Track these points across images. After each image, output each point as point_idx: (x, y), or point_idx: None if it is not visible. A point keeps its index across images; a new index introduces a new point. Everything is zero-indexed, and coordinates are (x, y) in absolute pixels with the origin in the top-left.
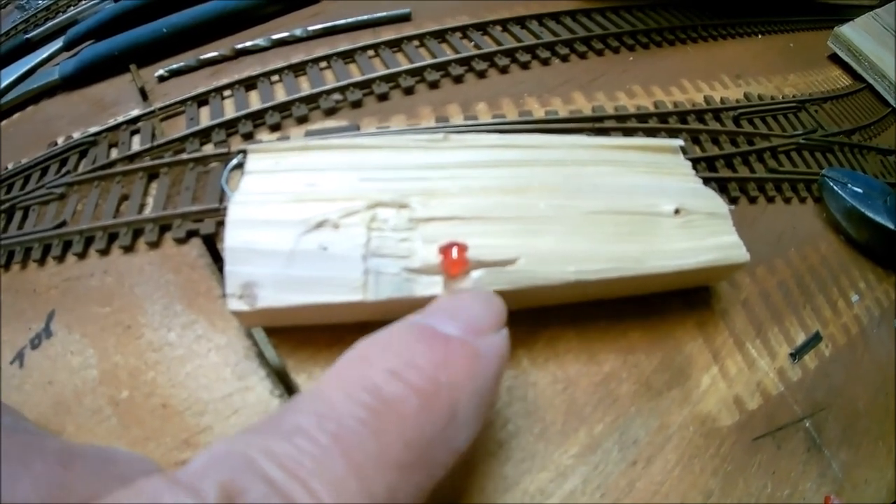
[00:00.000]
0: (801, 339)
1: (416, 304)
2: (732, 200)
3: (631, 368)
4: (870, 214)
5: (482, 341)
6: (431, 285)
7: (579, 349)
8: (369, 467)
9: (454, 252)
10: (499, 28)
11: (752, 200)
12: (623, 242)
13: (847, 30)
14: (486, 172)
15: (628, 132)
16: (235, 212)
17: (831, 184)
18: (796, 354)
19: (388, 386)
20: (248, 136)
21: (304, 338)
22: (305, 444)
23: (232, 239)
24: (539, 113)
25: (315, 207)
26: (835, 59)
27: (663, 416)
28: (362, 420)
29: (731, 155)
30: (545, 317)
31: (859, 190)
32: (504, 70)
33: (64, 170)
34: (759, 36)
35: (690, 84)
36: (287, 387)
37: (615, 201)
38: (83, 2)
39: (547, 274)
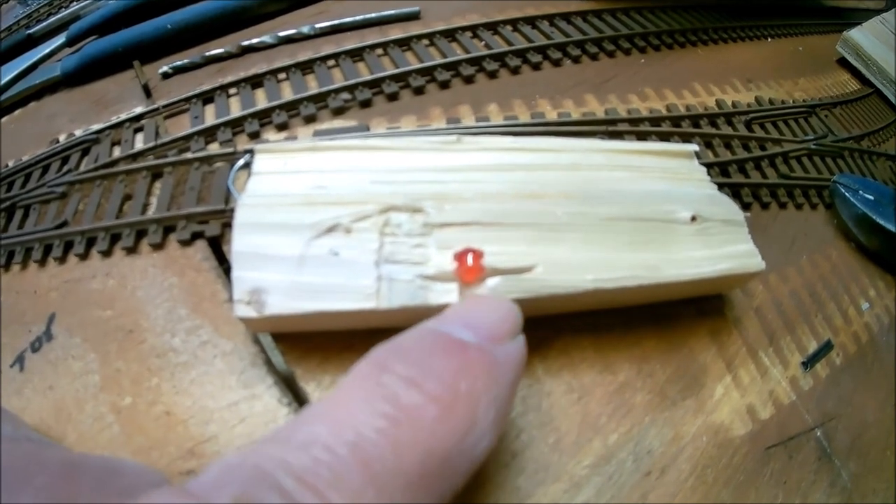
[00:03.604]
0: (812, 347)
1: (430, 312)
2: (745, 206)
3: (645, 378)
4: (881, 222)
5: (499, 348)
6: (446, 293)
7: (594, 358)
8: (388, 477)
9: (469, 259)
10: (509, 28)
11: (765, 206)
12: (640, 250)
13: (855, 34)
14: (501, 176)
15: (641, 136)
16: (243, 214)
17: (843, 190)
18: (808, 363)
19: (407, 395)
20: (255, 136)
21: (313, 344)
22: (322, 455)
23: (239, 243)
24: (551, 115)
25: (325, 211)
26: (843, 63)
27: (677, 425)
28: (380, 430)
29: (744, 160)
30: (559, 324)
31: (870, 197)
32: (515, 70)
33: (65, 168)
34: (769, 39)
35: (702, 87)
36: (295, 395)
37: (632, 208)
38: None
39: (564, 282)
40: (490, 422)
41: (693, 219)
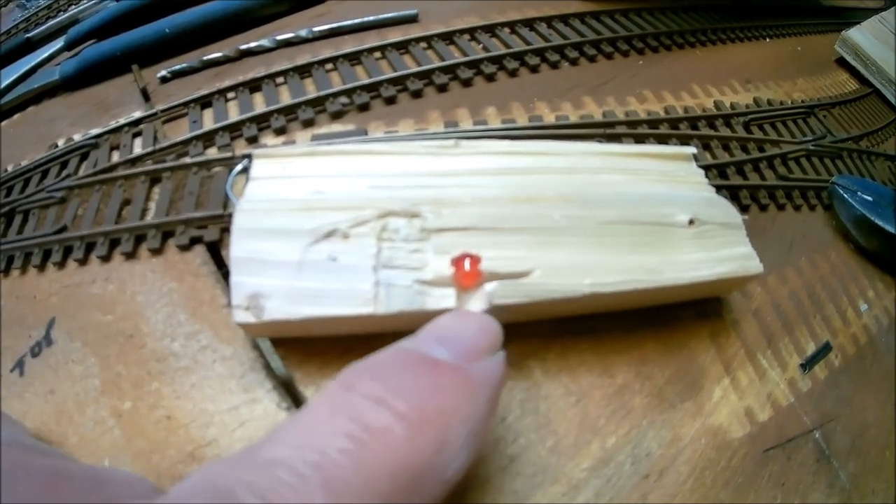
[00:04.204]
0: (811, 349)
1: (428, 317)
2: (743, 209)
3: (644, 380)
4: (879, 223)
5: (474, 366)
6: (444, 298)
7: (592, 361)
8: (353, 498)
9: (467, 264)
10: (507, 30)
11: (763, 208)
12: (638, 254)
13: (854, 33)
14: (499, 180)
15: (640, 138)
16: (241, 220)
17: (841, 191)
18: (806, 365)
19: (373, 414)
20: (253, 140)
21: (312, 349)
22: (286, 476)
23: (238, 248)
24: (549, 118)
25: (324, 216)
26: (842, 62)
27: (676, 428)
28: (345, 450)
29: (742, 162)
30: (557, 328)
31: (869, 198)
32: (513, 73)
33: (64, 173)
34: (767, 39)
35: (700, 88)
36: (294, 399)
37: (630, 211)
38: (84, 1)
39: (562, 286)
40: (463, 441)
41: (691, 222)
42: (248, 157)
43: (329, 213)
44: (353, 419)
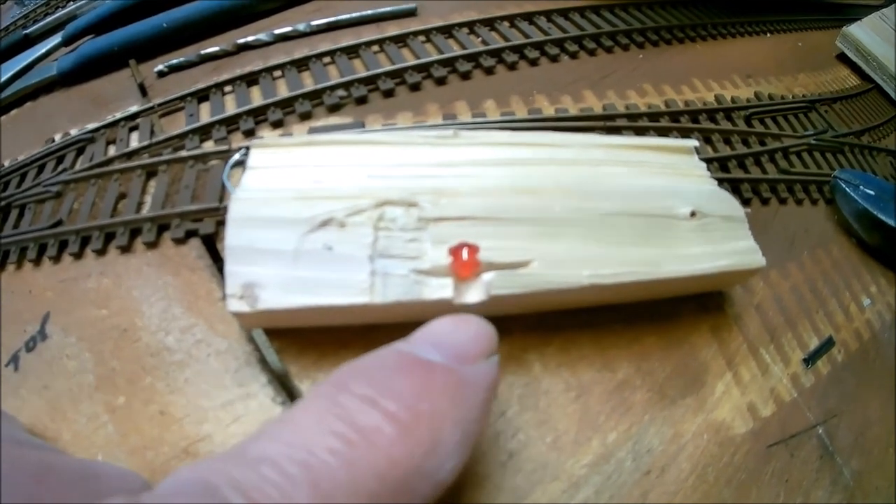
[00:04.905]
0: (813, 344)
1: (424, 307)
2: (745, 202)
3: (645, 376)
4: (882, 217)
5: (468, 368)
6: (441, 288)
7: (593, 355)
8: (340, 499)
9: (465, 253)
10: (506, 24)
11: (765, 202)
12: (639, 246)
13: (855, 29)
14: (498, 171)
15: (640, 131)
16: (237, 209)
17: (843, 186)
18: (809, 360)
19: (363, 414)
20: (250, 133)
21: (308, 342)
22: (271, 474)
23: (233, 237)
24: (549, 111)
25: (320, 205)
26: (843, 58)
27: (677, 424)
28: (333, 450)
29: (744, 155)
30: (558, 321)
31: (871, 192)
32: (512, 67)
33: (61, 167)
34: (768, 35)
35: (701, 83)
36: (289, 393)
37: (631, 203)
38: None
39: (561, 277)
40: (455, 443)
41: (693, 214)
42: (246, 149)
43: (325, 203)
44: (342, 419)
